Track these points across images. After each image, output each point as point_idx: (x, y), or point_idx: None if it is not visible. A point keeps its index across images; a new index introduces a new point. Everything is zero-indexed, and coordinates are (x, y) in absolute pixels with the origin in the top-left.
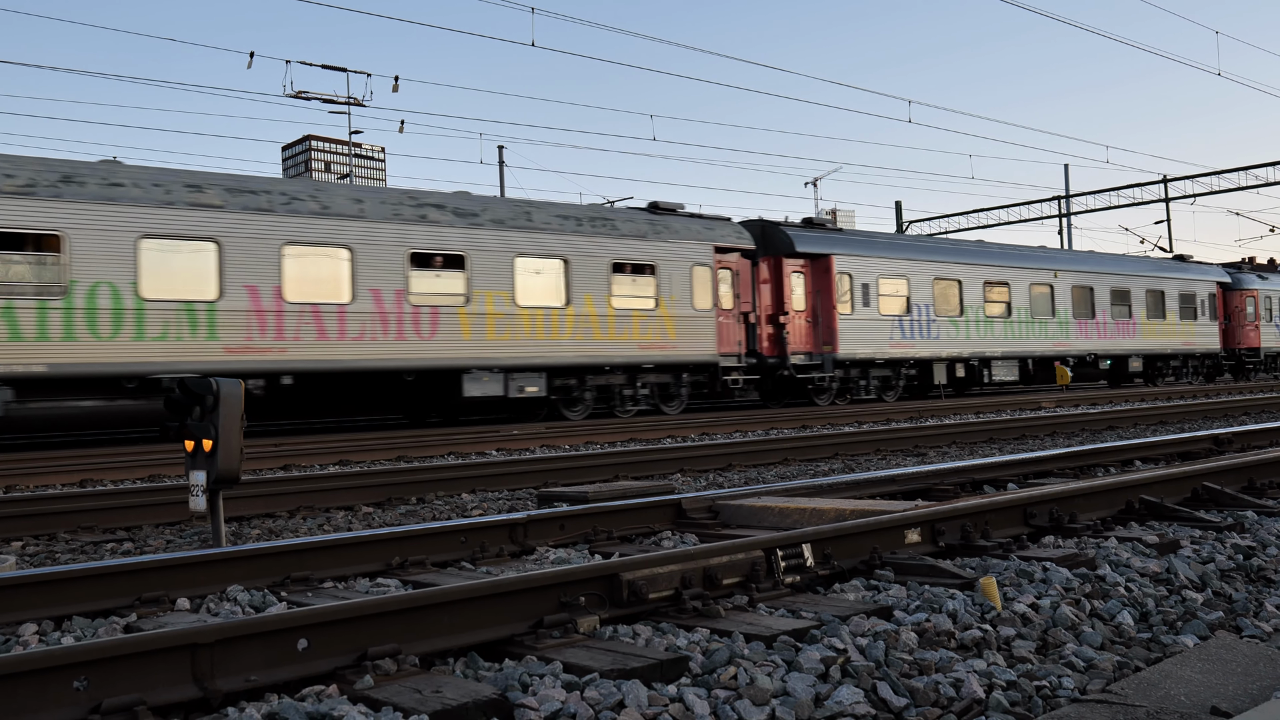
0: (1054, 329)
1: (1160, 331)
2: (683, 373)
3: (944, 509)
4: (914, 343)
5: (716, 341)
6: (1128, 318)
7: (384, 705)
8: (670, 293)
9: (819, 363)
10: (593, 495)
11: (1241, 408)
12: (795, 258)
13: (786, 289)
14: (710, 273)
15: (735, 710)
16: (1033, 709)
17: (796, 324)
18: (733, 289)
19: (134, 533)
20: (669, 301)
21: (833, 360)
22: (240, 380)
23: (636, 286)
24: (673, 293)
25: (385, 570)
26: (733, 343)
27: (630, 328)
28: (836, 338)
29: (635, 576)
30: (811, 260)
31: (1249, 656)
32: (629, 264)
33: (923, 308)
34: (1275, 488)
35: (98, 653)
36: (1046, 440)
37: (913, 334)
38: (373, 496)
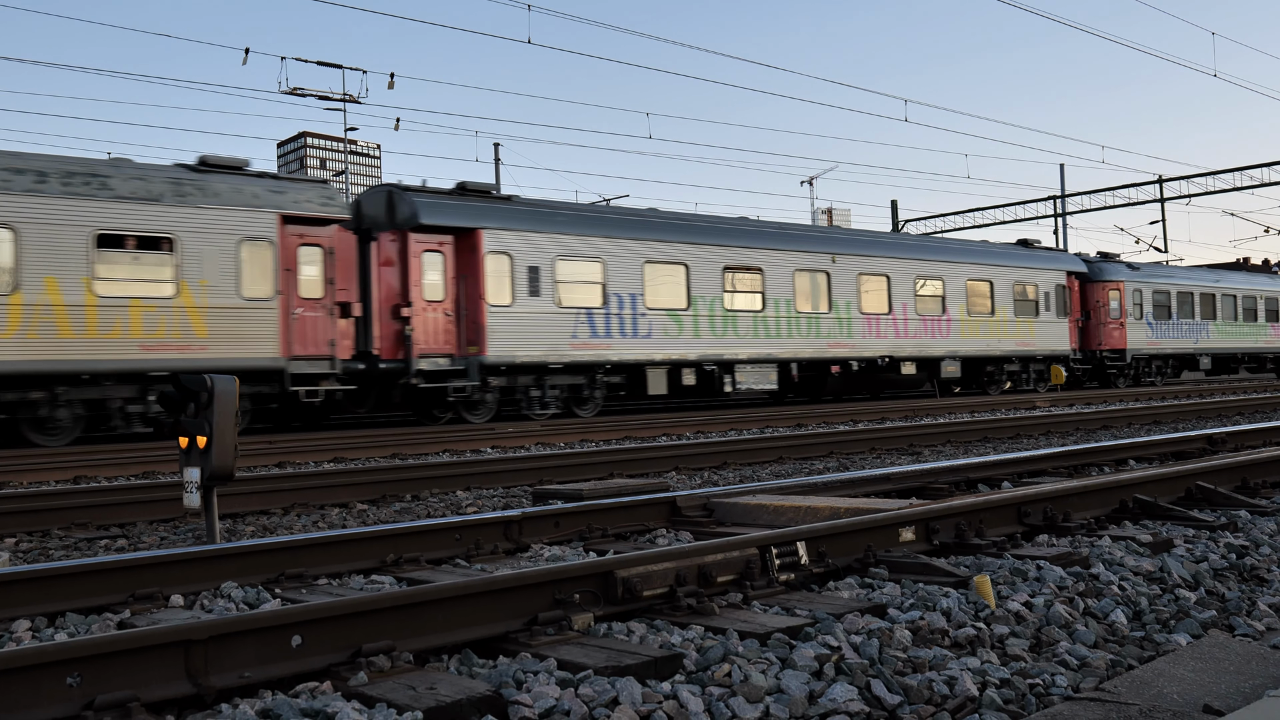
0: (829, 326)
1: (987, 330)
2: None
3: (938, 507)
4: (612, 342)
5: (283, 341)
6: (940, 313)
7: (378, 702)
8: (200, 276)
9: (462, 368)
10: (587, 493)
11: (1235, 408)
12: (426, 232)
13: (414, 273)
14: (272, 250)
15: (729, 707)
16: (1026, 707)
17: (429, 319)
18: (323, 272)
19: (128, 529)
20: (196, 288)
21: (479, 365)
22: (234, 377)
23: (140, 267)
24: (203, 276)
25: (380, 567)
26: (320, 343)
27: (126, 323)
28: (484, 336)
29: (630, 574)
30: (457, 237)
31: (1242, 655)
32: (129, 236)
33: (627, 299)
34: (1268, 487)
35: (91, 649)
36: (1041, 439)
37: (610, 331)
38: (367, 494)
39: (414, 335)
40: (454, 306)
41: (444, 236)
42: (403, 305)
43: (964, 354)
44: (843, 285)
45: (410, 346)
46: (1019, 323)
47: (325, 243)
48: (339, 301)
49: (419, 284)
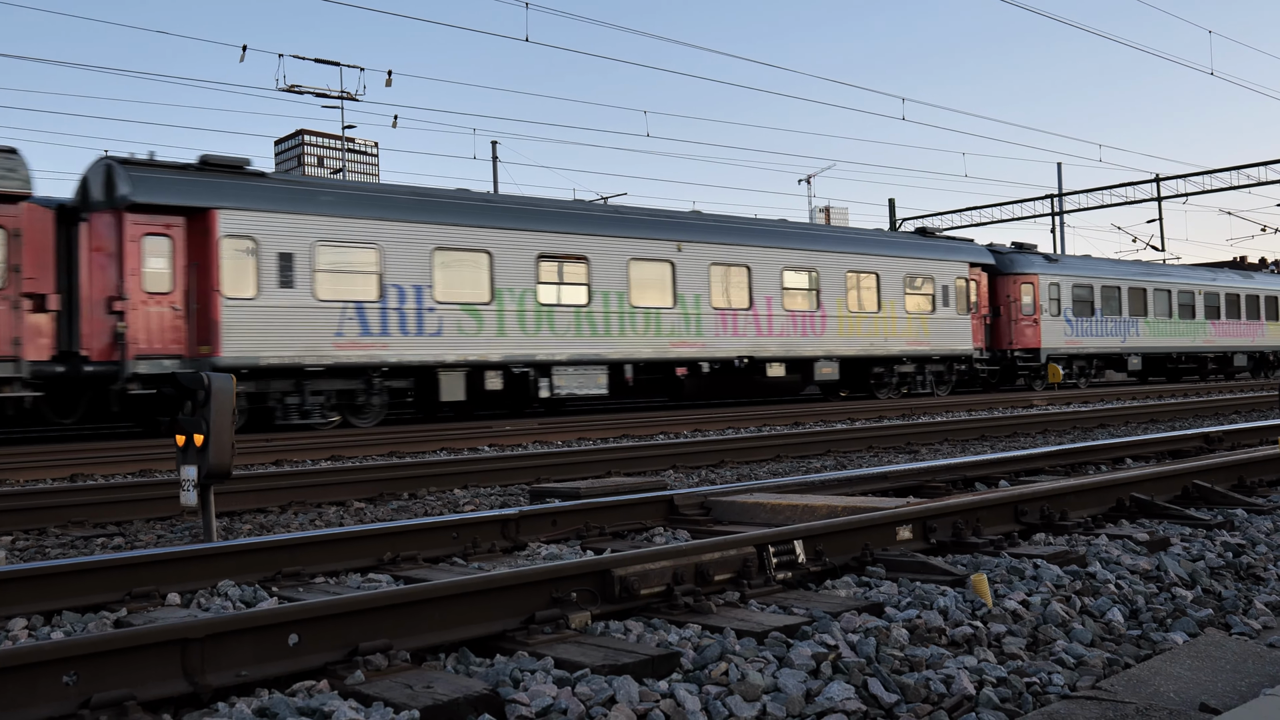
0: (673, 323)
1: (872, 328)
2: None
3: (935, 506)
4: (390, 341)
5: None
6: (813, 309)
7: (375, 700)
8: None
9: None
10: (585, 491)
11: (1232, 406)
12: (147, 213)
13: (130, 260)
14: None
15: (726, 706)
16: (1023, 705)
17: (150, 314)
18: (6, 258)
19: (124, 528)
20: None
21: (211, 368)
22: (232, 375)
23: None
24: None
25: (377, 565)
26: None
27: None
28: (218, 334)
29: (627, 572)
30: (189, 218)
31: (1238, 654)
32: None
33: (410, 291)
34: (1265, 486)
35: (88, 647)
36: (1038, 438)
37: (388, 329)
38: (365, 492)
39: (129, 333)
40: (184, 300)
41: (172, 218)
42: (116, 298)
43: (843, 354)
44: (690, 276)
45: (125, 346)
46: (912, 320)
47: (8, 223)
48: (28, 293)
49: (137, 273)
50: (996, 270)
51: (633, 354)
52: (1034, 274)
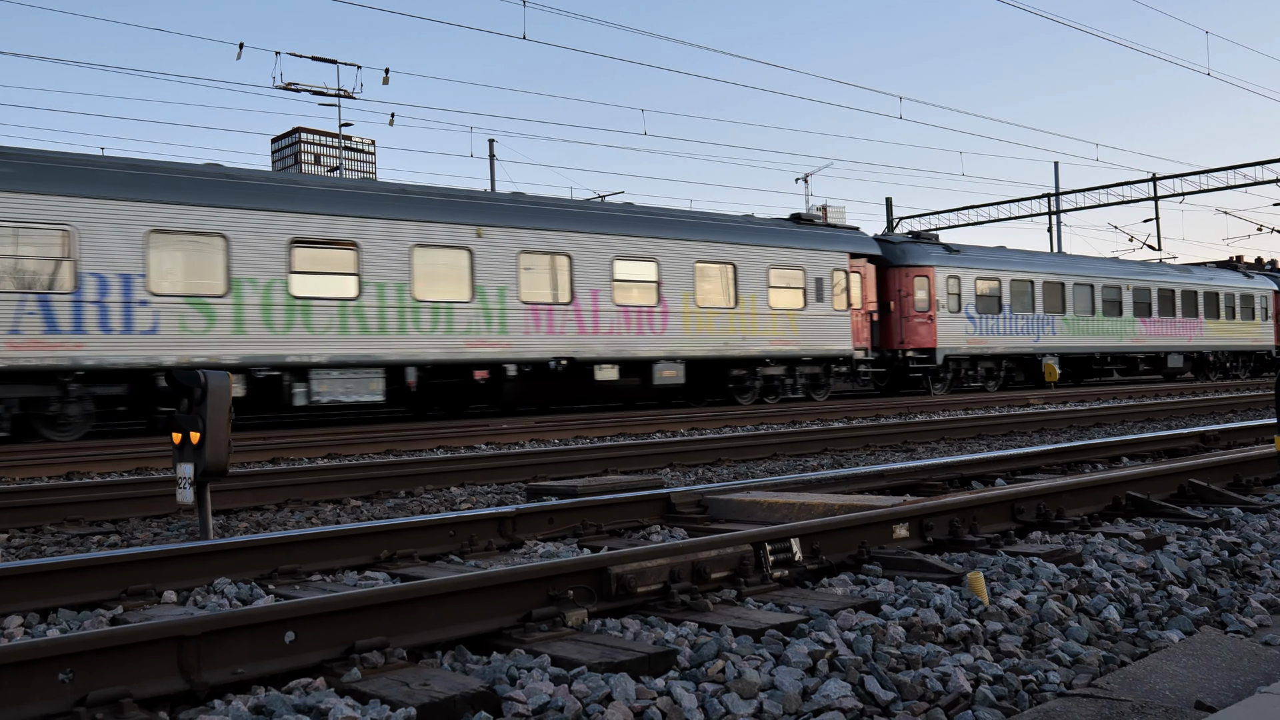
0: (471, 319)
1: (727, 324)
2: None
3: (932, 504)
4: (86, 340)
5: None
6: (653, 303)
7: (371, 698)
8: None
9: None
10: (582, 489)
11: (1228, 405)
12: None
13: None
14: None
15: (723, 703)
16: (1019, 703)
17: None
18: None
19: (121, 525)
20: None
21: None
22: (228, 373)
23: None
24: None
25: (373, 563)
26: None
27: None
28: None
29: (624, 570)
30: None
31: (1233, 652)
32: None
33: (116, 281)
34: (1261, 484)
35: (83, 645)
36: (1034, 437)
37: (84, 326)
38: (361, 490)
39: None
40: None
41: None
42: None
43: (689, 355)
44: (493, 266)
45: None
46: (778, 316)
47: None
48: None
49: None
50: (886, 262)
51: (416, 355)
52: (929, 266)
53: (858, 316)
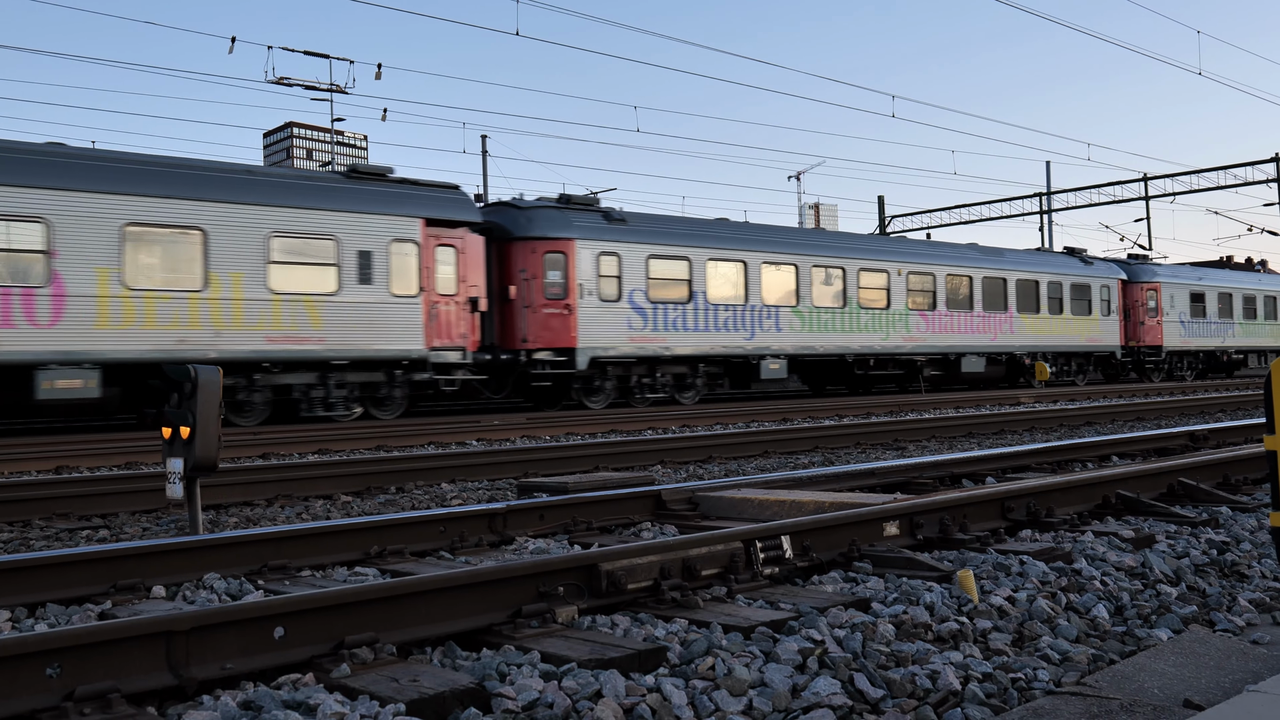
0: None
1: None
2: None
3: (922, 502)
4: None
5: None
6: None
7: (361, 694)
8: None
9: None
10: (573, 486)
11: (1218, 405)
12: None
13: None
14: None
15: (713, 701)
16: (1008, 701)
17: None
18: None
19: (110, 520)
20: None
21: None
22: (219, 367)
23: None
24: None
25: (364, 559)
26: None
27: None
28: None
29: (614, 567)
30: None
31: (1222, 650)
32: None
33: None
34: (1249, 484)
35: (71, 640)
36: (1025, 435)
37: None
38: (352, 485)
39: None
40: None
41: None
42: None
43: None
44: None
45: None
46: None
47: None
48: None
49: None
50: (505, 234)
51: None
52: (566, 239)
53: (446, 304)
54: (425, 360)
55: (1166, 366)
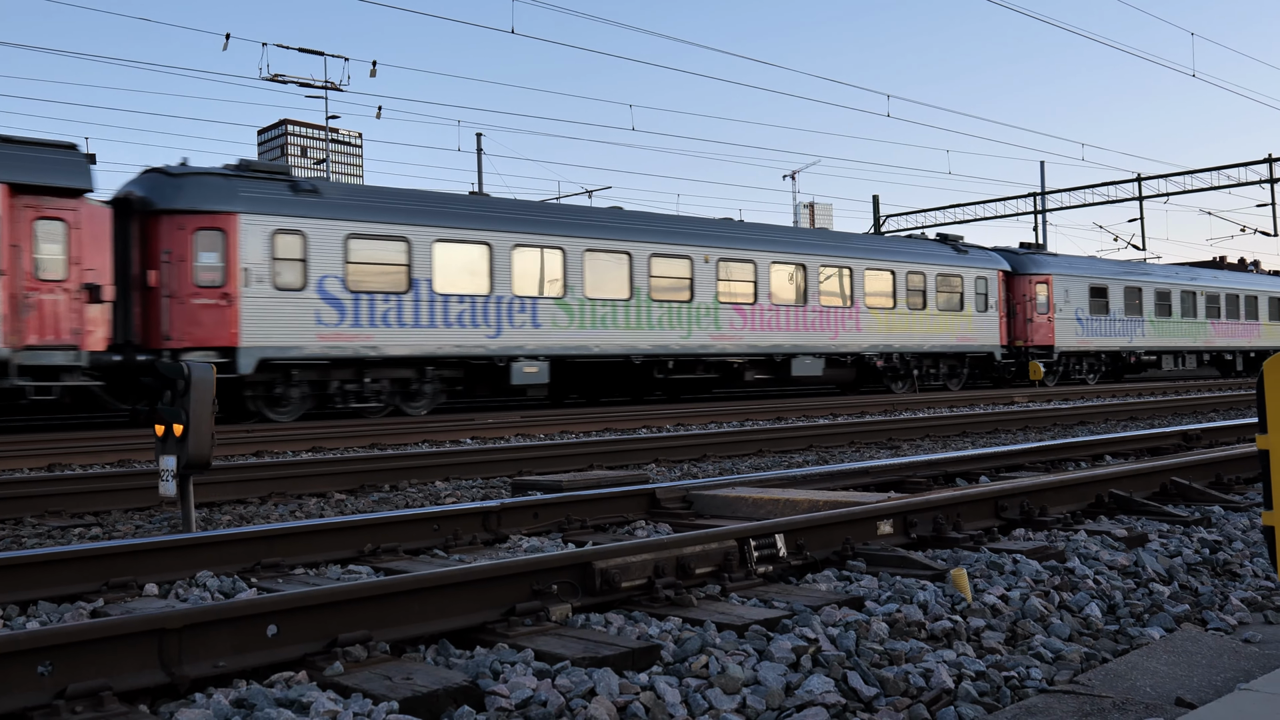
0: None
1: None
2: None
3: (916, 501)
4: None
5: None
6: None
7: (354, 692)
8: None
9: None
10: (567, 484)
11: (1210, 405)
12: None
13: None
14: None
15: (706, 699)
16: (1001, 699)
17: None
18: None
19: (102, 518)
20: None
21: None
22: (212, 364)
23: None
24: None
25: (357, 557)
26: None
27: None
28: None
29: (608, 565)
30: None
31: (1214, 649)
32: None
33: None
34: (1242, 483)
35: (63, 637)
36: (1018, 435)
37: None
38: (345, 484)
39: None
40: None
41: None
42: None
43: None
44: None
45: None
46: None
47: None
48: None
49: None
50: (148, 207)
51: None
52: (229, 214)
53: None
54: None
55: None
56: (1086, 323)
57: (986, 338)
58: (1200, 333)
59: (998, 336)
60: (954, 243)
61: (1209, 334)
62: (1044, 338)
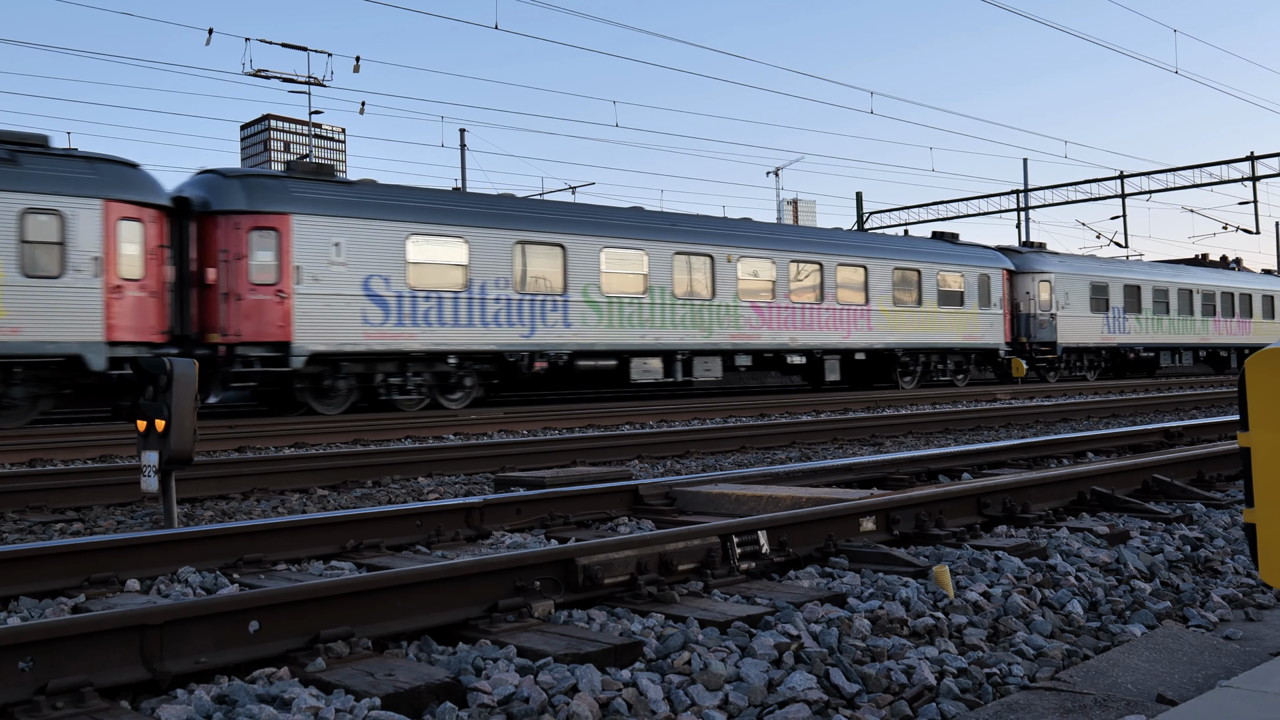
0: None
1: None
2: None
3: (899, 498)
4: None
5: None
6: None
7: (335, 688)
8: None
9: None
10: (550, 480)
11: (1193, 402)
12: None
13: None
14: None
15: (689, 695)
16: (983, 696)
17: None
18: None
19: (84, 513)
20: None
21: None
22: (194, 360)
23: None
24: None
25: (340, 553)
26: None
27: None
28: None
29: (591, 561)
30: None
31: (1195, 646)
32: None
33: None
34: (1223, 480)
35: (44, 633)
36: (1001, 432)
37: None
38: (328, 479)
39: None
40: None
41: None
42: None
43: None
44: None
45: None
46: None
47: None
48: None
49: None
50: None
51: None
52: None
53: None
54: None
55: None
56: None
57: (991, 335)
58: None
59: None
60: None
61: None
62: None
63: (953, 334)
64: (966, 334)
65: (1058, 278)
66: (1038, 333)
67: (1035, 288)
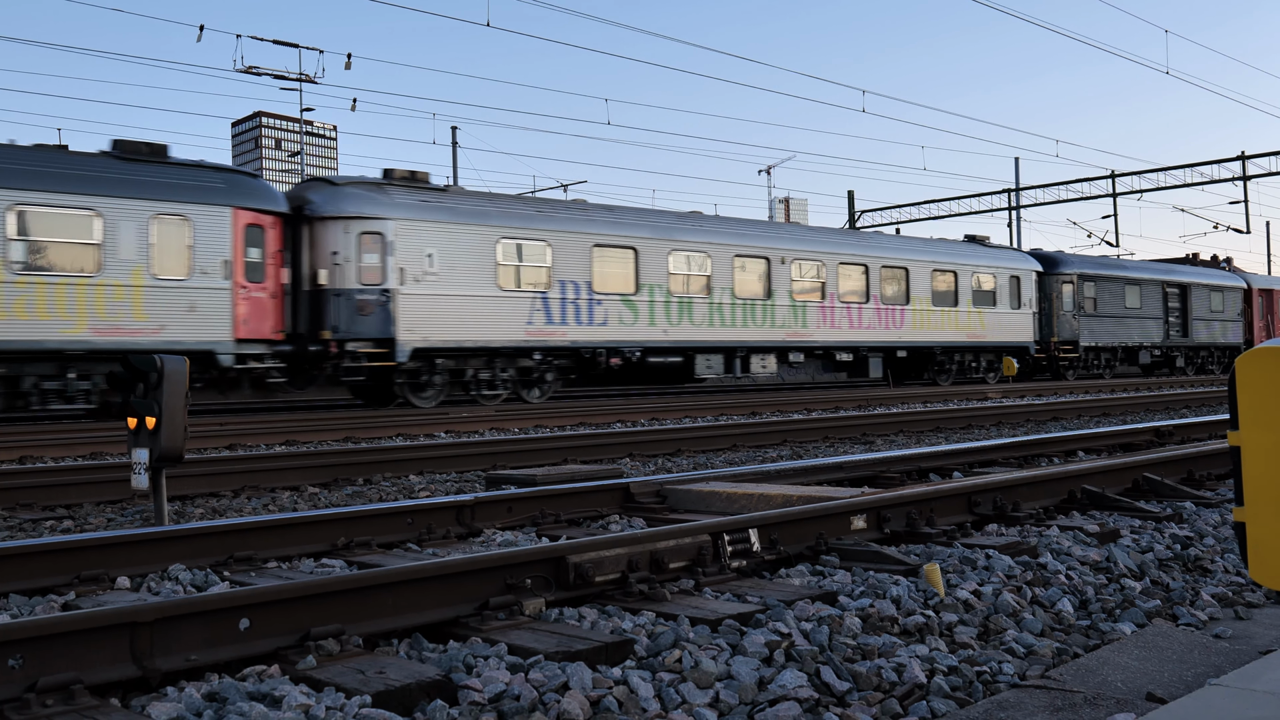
0: None
1: None
2: None
3: (890, 496)
4: None
5: None
6: None
7: (326, 685)
8: None
9: None
10: (541, 478)
11: (1183, 401)
12: None
13: None
14: None
15: (679, 693)
16: (973, 694)
17: None
18: None
19: (74, 511)
20: None
21: None
22: (185, 357)
23: None
24: None
25: (330, 551)
26: None
27: None
28: None
29: (582, 559)
30: None
31: (1184, 644)
32: None
33: None
34: (1213, 479)
35: (34, 630)
36: (992, 430)
37: None
38: (319, 477)
39: None
40: None
41: None
42: None
43: None
44: None
45: None
46: None
47: None
48: None
49: None
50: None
51: None
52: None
53: None
54: None
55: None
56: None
57: (1022, 334)
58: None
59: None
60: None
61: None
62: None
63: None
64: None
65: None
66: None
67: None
